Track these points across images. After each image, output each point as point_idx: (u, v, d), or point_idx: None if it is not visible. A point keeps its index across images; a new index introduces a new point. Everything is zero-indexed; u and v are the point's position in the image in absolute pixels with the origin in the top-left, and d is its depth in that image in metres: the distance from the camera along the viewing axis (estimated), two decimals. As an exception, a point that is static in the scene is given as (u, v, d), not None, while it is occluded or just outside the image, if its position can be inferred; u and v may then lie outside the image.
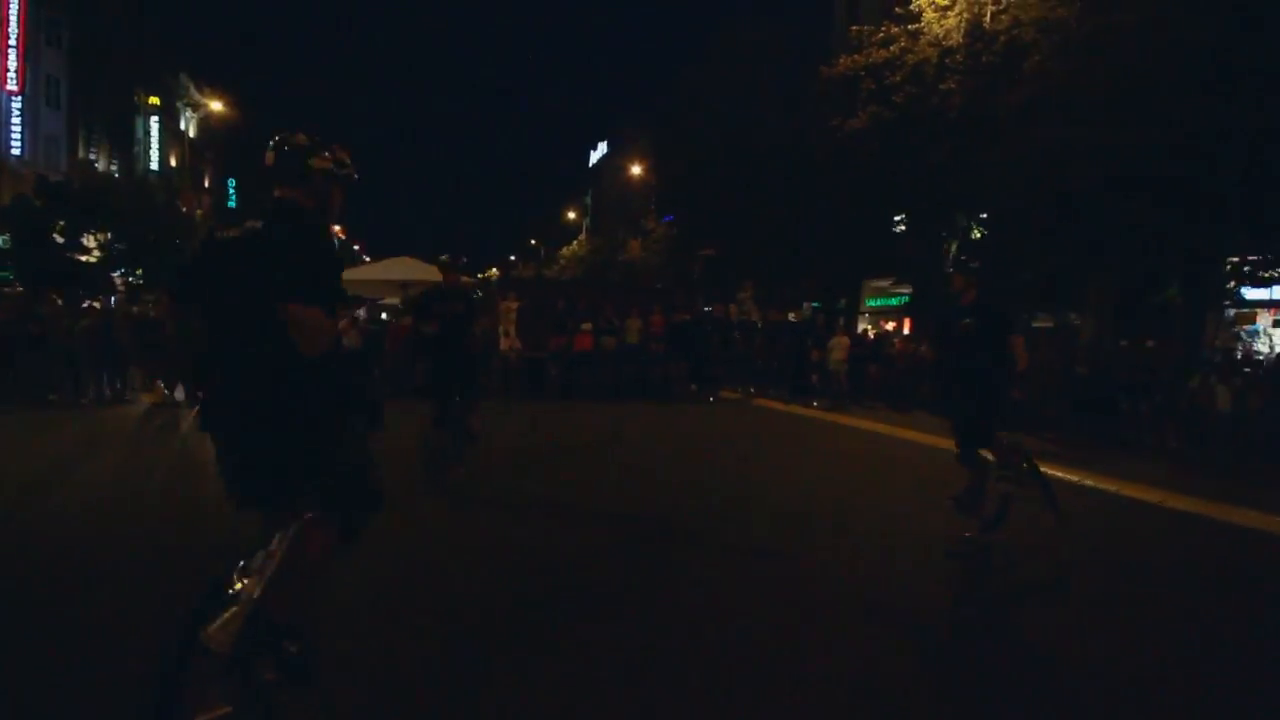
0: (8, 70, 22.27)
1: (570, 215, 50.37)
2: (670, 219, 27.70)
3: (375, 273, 15.19)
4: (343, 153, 2.18)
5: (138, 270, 20.98)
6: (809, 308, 21.34)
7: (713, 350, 12.22)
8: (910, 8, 16.34)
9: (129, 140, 29.14)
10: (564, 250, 41.37)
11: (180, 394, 10.55)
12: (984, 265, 15.29)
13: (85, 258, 19.79)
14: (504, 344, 12.00)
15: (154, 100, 30.34)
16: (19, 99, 22.69)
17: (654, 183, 28.92)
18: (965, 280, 4.26)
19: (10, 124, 22.52)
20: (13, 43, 22.30)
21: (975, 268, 4.35)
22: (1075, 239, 12.81)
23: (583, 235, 42.99)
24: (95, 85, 25.75)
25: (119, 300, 12.84)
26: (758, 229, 21.85)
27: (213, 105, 31.11)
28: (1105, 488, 6.18)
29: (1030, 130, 12.58)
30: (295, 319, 1.89)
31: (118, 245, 20.45)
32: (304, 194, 2.09)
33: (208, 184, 38.16)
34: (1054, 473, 5.10)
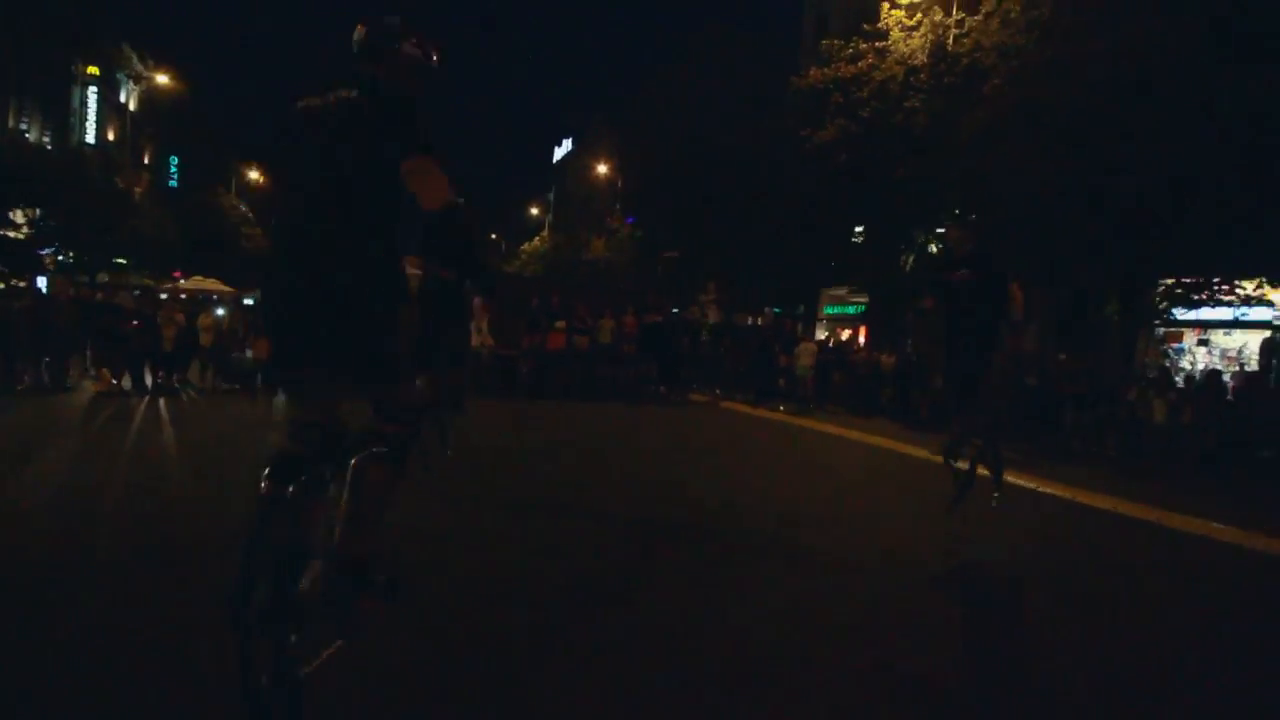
0: (-69, 31, 20.75)
1: (533, 211, 49.94)
2: (633, 220, 27.84)
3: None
4: (433, 46, 2.16)
5: (69, 251, 19.89)
6: (770, 313, 21.78)
7: (683, 352, 12.37)
8: (878, 25, 16.89)
9: (64, 111, 27.48)
10: (525, 246, 41.00)
11: (128, 383, 10.08)
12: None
13: (13, 234, 18.65)
14: (475, 340, 11.86)
15: (93, 70, 28.66)
16: (-57, 63, 21.18)
17: (619, 183, 29.02)
18: (961, 232, 4.31)
19: (-67, 89, 21.00)
20: (-63, 3, 20.79)
21: (973, 219, 4.46)
22: (1026, 259, 13.51)
23: (545, 231, 42.73)
24: (28, 52, 24.19)
25: (58, 281, 12.12)
26: (720, 233, 22.17)
27: (157, 78, 29.58)
28: (1060, 494, 6.57)
29: (988, 152, 13.22)
30: (418, 169, 1.89)
31: (48, 222, 19.32)
32: (388, 74, 2.06)
33: (148, 160, 36.26)
34: (1010, 479, 5.38)
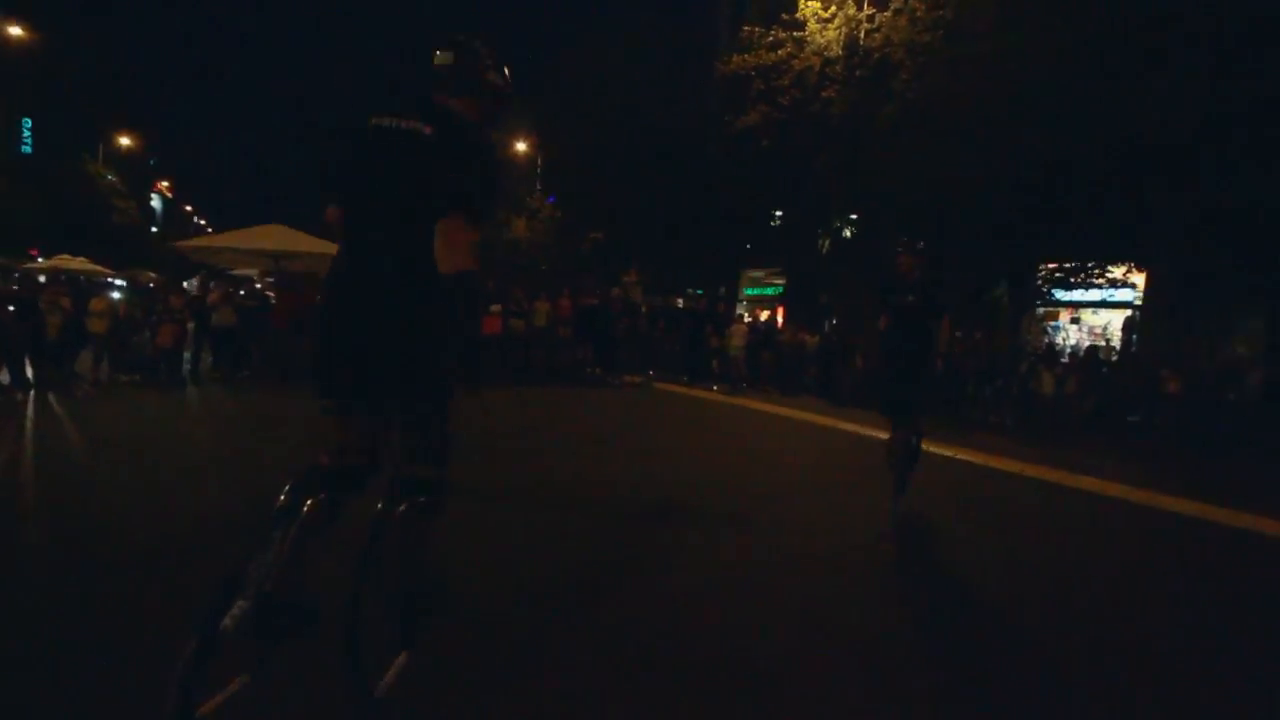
0: None
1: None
2: (554, 199, 27.48)
3: (243, 242, 13.61)
4: (508, 73, 2.15)
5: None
6: (694, 295, 22.29)
7: (619, 335, 12.53)
8: (796, 15, 17.45)
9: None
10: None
11: (6, 377, 9.08)
12: (854, 262, 16.98)
13: None
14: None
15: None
16: None
17: (538, 161, 28.50)
18: (912, 259, 4.60)
19: None
20: None
21: (921, 247, 4.80)
22: (929, 245, 14.60)
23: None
24: None
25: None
26: (642, 215, 22.36)
27: (9, 30, 26.00)
28: (975, 460, 7.31)
29: (897, 143, 14.13)
30: (447, 230, 1.87)
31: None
32: (469, 105, 2.04)
33: (-5, 122, 31.97)
34: (930, 449, 5.93)
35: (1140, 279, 15.54)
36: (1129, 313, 16.18)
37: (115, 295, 10.61)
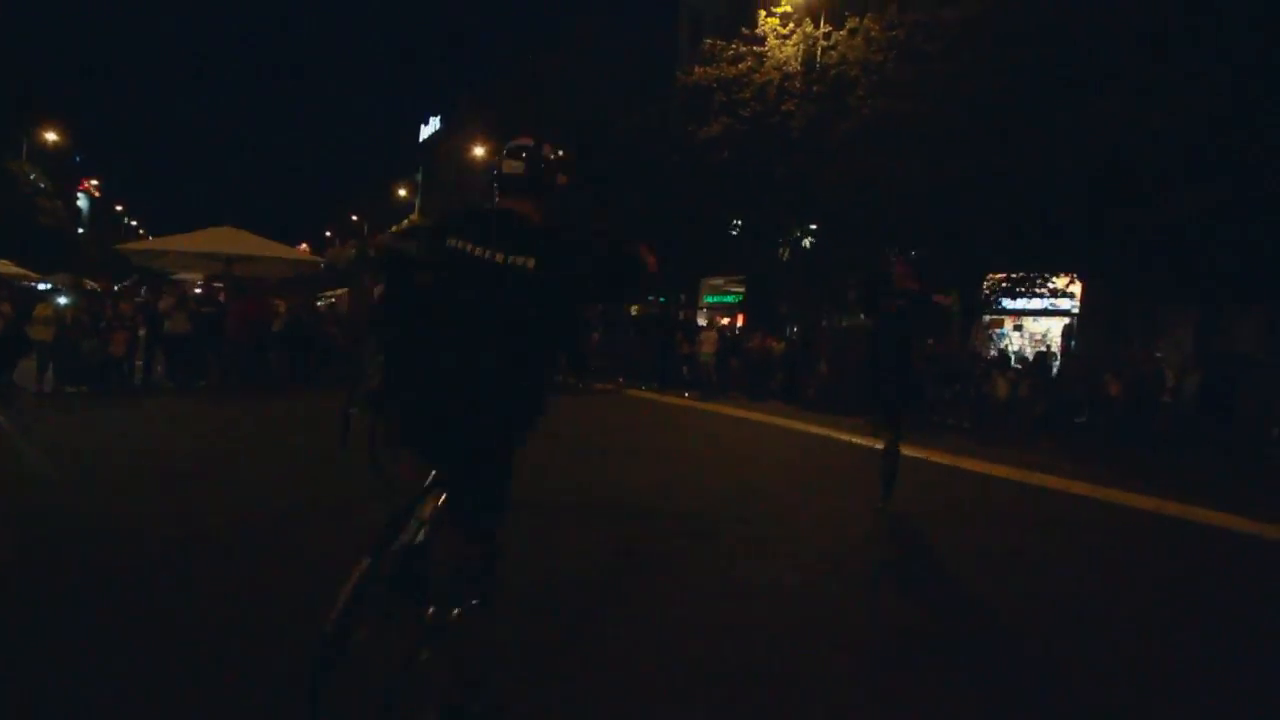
0: None
1: (401, 192, 46.96)
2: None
3: (194, 244, 13.01)
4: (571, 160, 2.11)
5: None
6: (655, 302, 22.42)
7: (594, 343, 12.53)
8: (756, 31, 17.89)
9: None
10: (394, 229, 38.52)
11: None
12: (813, 270, 17.46)
13: None
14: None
15: None
16: None
17: (494, 166, 28.23)
18: (907, 271, 4.84)
19: None
20: None
21: (915, 257, 4.98)
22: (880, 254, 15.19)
23: (415, 215, 40.43)
24: None
25: None
26: (604, 222, 22.38)
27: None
28: (944, 462, 7.62)
29: (851, 157, 14.63)
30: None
31: None
32: (537, 208, 2.00)
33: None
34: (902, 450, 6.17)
35: (1078, 289, 16.48)
36: (1067, 320, 17.12)
37: (61, 300, 10.00)
